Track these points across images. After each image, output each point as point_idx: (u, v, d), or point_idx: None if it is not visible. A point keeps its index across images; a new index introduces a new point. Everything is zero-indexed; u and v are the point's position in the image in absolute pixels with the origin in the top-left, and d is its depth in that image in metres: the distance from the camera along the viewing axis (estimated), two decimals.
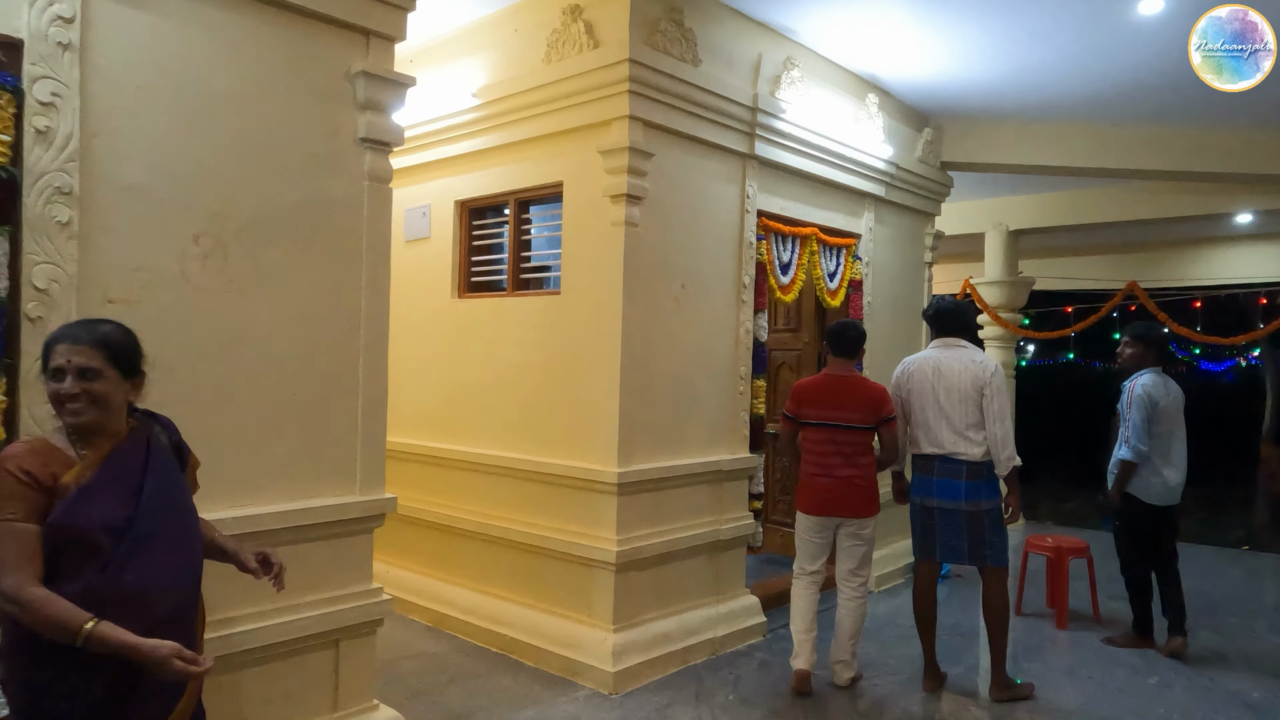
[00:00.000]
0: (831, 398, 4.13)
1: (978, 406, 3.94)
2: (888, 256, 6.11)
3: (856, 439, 4.11)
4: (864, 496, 4.11)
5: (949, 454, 4.00)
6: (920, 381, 4.12)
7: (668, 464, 4.29)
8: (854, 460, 4.10)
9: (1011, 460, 3.90)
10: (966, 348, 4.10)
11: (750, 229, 4.78)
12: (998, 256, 8.20)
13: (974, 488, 3.95)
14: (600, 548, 4.06)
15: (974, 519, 3.97)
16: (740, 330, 4.75)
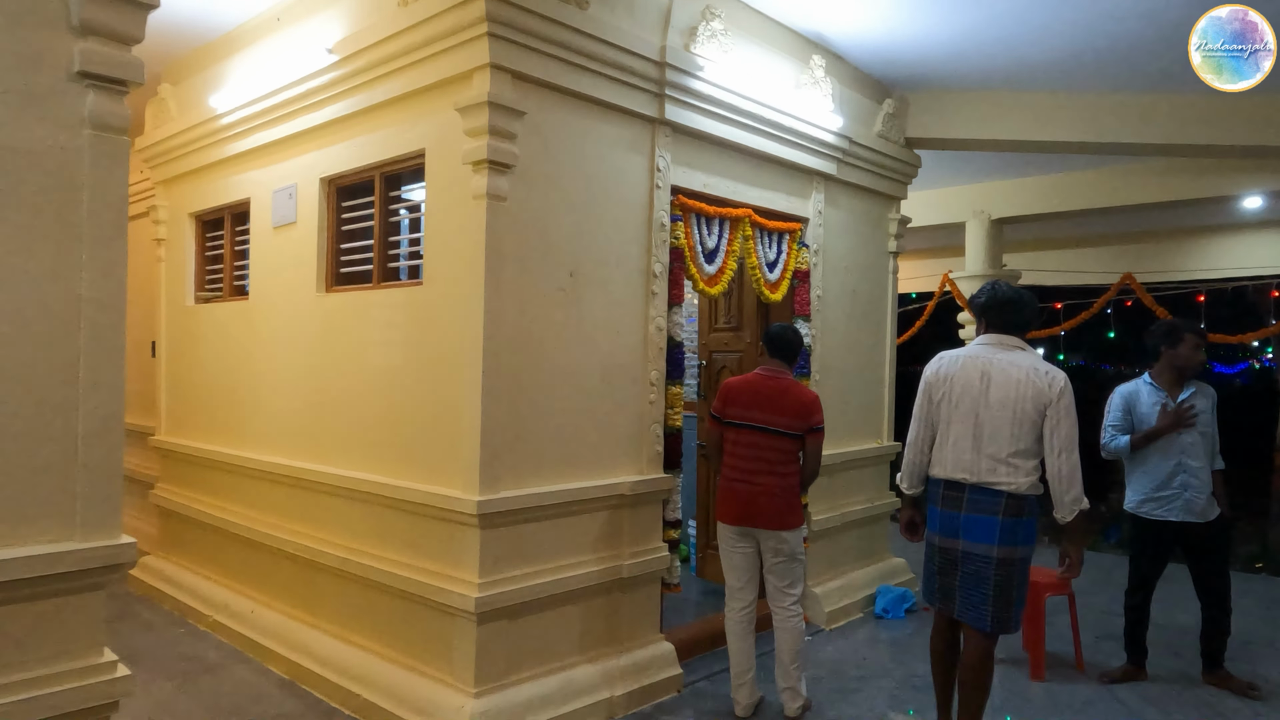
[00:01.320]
0: (758, 399, 3.69)
1: (1034, 430, 3.09)
2: (843, 244, 5.36)
3: (781, 445, 3.67)
4: (782, 507, 3.66)
5: (984, 483, 3.14)
6: (963, 387, 3.22)
7: (551, 488, 3.55)
8: (776, 468, 3.64)
9: (1078, 504, 3.07)
10: (1026, 351, 3.24)
11: (662, 208, 4.04)
12: (979, 248, 7.44)
13: (1011, 528, 3.10)
14: (458, 592, 3.32)
15: (1005, 569, 3.11)
16: (650, 328, 4.01)
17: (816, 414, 3.67)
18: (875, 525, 5.72)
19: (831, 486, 5.22)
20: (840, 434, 5.32)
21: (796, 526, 3.69)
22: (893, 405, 5.85)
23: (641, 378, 3.99)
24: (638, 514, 3.95)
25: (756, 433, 3.67)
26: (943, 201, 7.68)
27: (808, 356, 4.96)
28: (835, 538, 5.26)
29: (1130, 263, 7.40)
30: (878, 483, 5.75)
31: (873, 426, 5.72)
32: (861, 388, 5.57)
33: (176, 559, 5.41)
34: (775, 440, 3.64)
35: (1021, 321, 3.28)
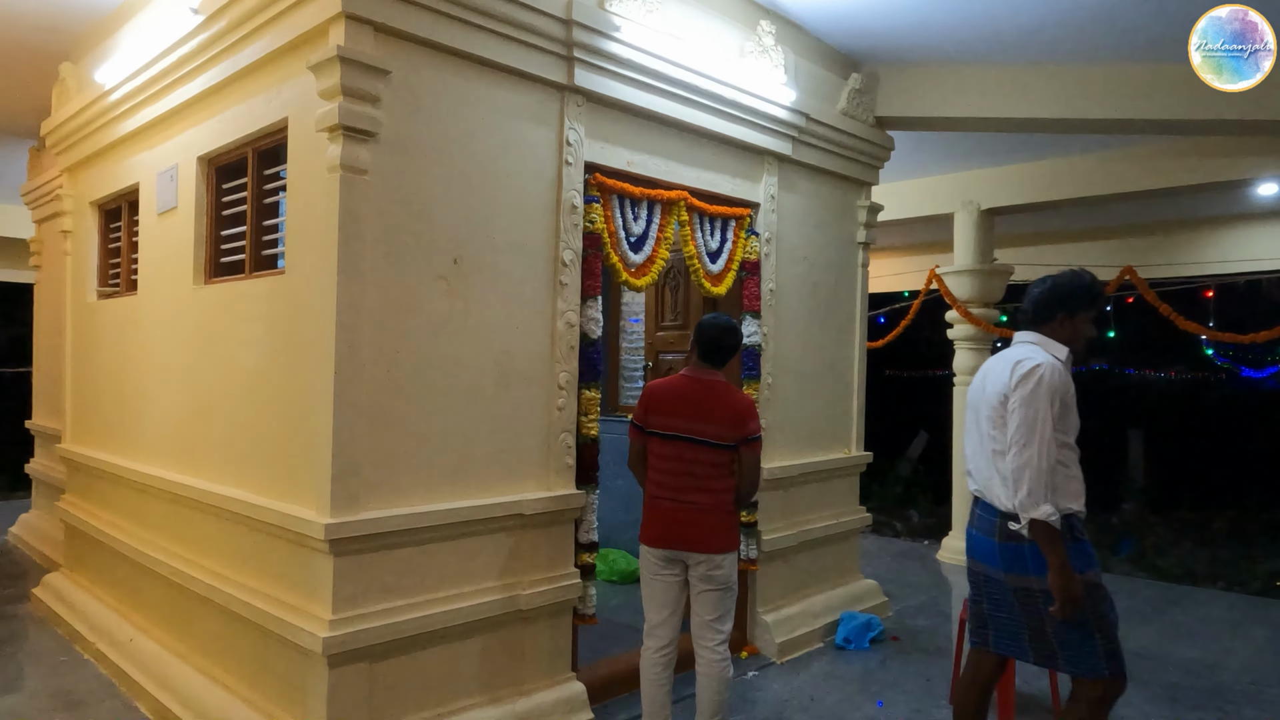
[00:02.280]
0: (683, 405, 3.20)
1: (1004, 425, 2.73)
2: (802, 233, 4.84)
3: (711, 458, 3.18)
4: (713, 527, 3.17)
5: (984, 497, 2.85)
6: (971, 392, 3.00)
7: (429, 508, 3.07)
8: (706, 483, 3.18)
9: (1029, 510, 2.56)
10: (1029, 344, 2.81)
11: (573, 187, 3.55)
12: (968, 241, 6.87)
13: (1013, 553, 2.71)
14: (307, 630, 2.84)
15: (1025, 600, 2.74)
16: (559, 323, 3.52)
17: (751, 421, 3.17)
18: (843, 543, 5.19)
19: (787, 501, 4.70)
20: (798, 443, 4.80)
21: (730, 550, 3.20)
22: (863, 411, 5.31)
23: (548, 380, 3.50)
24: (543, 536, 3.46)
25: (682, 444, 3.17)
26: (929, 191, 7.13)
27: (757, 357, 4.45)
28: (792, 558, 4.74)
29: (1132, 256, 6.79)
30: (847, 496, 5.22)
31: (840, 435, 5.19)
32: (825, 392, 5.05)
33: (77, 579, 4.98)
34: (704, 452, 3.15)
35: (1043, 307, 2.81)
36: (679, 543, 3.17)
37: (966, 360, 6.91)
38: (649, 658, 3.25)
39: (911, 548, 7.60)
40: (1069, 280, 2.84)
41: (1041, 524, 2.56)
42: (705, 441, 3.13)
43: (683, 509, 3.16)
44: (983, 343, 6.89)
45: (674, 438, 3.17)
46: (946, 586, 6.25)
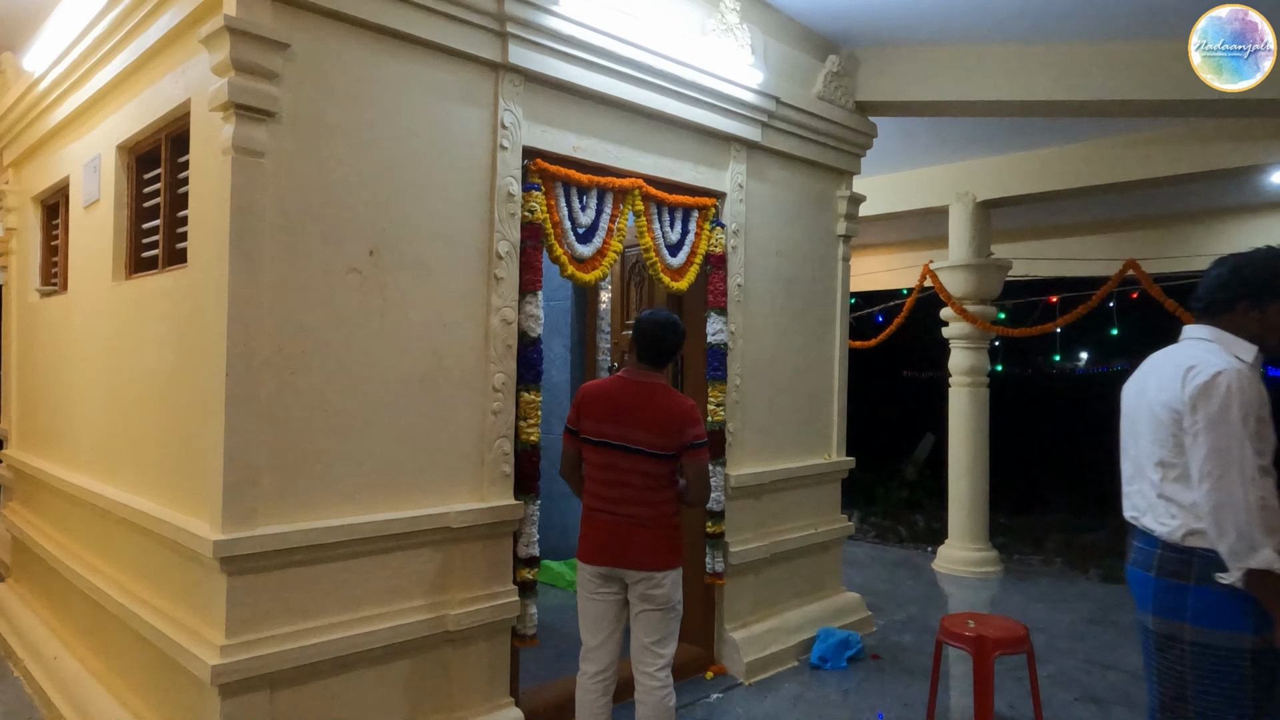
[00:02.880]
0: (619, 411, 2.92)
1: (1175, 444, 2.21)
2: (774, 225, 4.55)
3: (648, 468, 2.89)
4: (653, 542, 2.91)
5: (1141, 524, 2.34)
6: (1126, 398, 2.47)
7: (341, 522, 2.81)
8: (644, 495, 2.92)
9: (1248, 555, 2.03)
10: (1206, 340, 2.29)
11: (509, 173, 3.29)
12: (964, 234, 6.54)
13: (1169, 592, 2.22)
14: (199, 656, 2.59)
15: (1165, 649, 2.24)
16: (493, 320, 3.25)
17: (692, 427, 2.89)
18: (823, 555, 4.89)
19: (759, 511, 4.41)
20: (771, 448, 4.51)
21: (672, 567, 2.92)
22: (844, 414, 5.01)
23: (481, 382, 3.23)
24: (477, 550, 3.20)
25: (615, 452, 2.90)
26: (923, 183, 6.81)
27: (723, 357, 4.17)
28: (763, 572, 4.44)
29: (1136, 250, 6.42)
30: (826, 505, 4.92)
31: (819, 439, 4.89)
32: (803, 394, 4.75)
33: (20, 590, 4.78)
34: (640, 461, 2.88)
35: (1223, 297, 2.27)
36: (615, 559, 2.90)
37: (962, 360, 6.58)
38: (584, 684, 2.98)
39: (907, 556, 7.26)
40: (1259, 259, 2.27)
41: (1261, 574, 2.02)
42: (641, 450, 2.86)
43: (619, 522, 2.89)
44: (980, 341, 6.56)
45: (606, 445, 2.90)
46: (939, 599, 5.92)
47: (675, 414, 2.89)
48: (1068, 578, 7.63)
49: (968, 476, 6.55)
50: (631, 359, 3.01)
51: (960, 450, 6.59)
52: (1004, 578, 6.47)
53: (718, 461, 4.15)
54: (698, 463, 2.91)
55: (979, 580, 6.36)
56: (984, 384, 6.60)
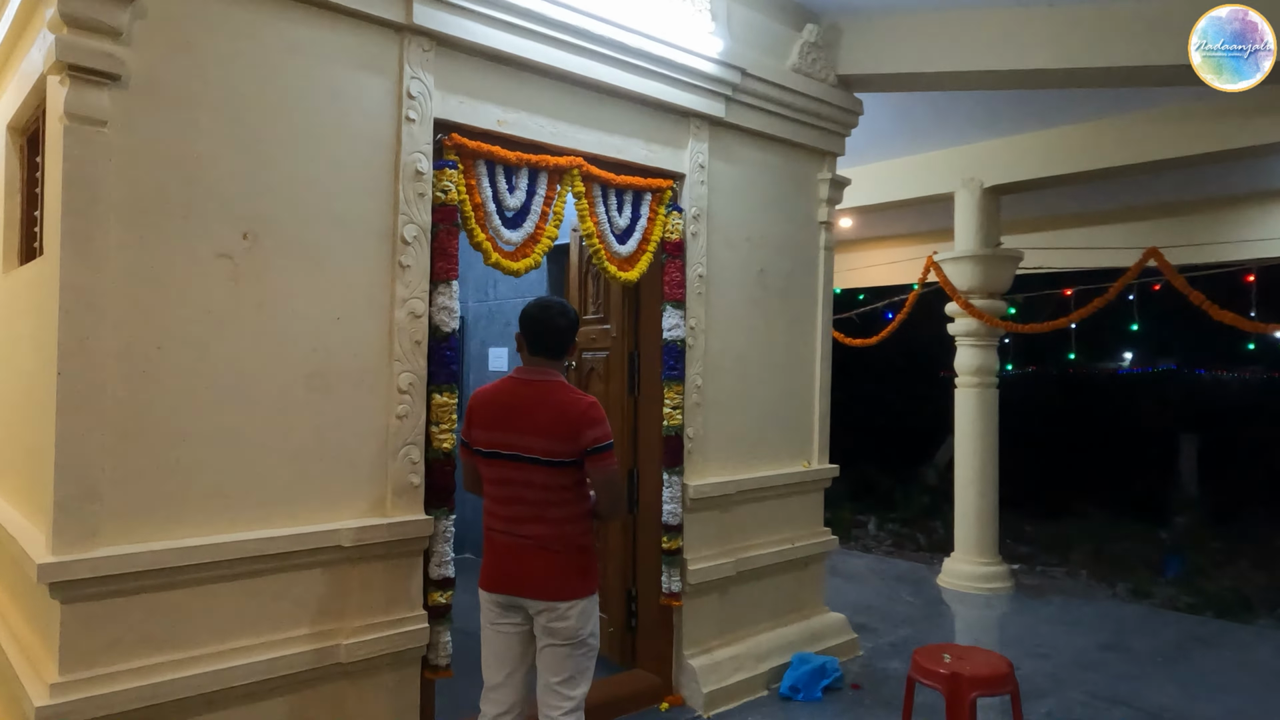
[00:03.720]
0: (508, 415, 2.54)
1: None
2: (742, 209, 4.14)
3: (546, 479, 2.51)
4: (555, 566, 2.53)
5: None
6: None
7: (205, 541, 2.48)
8: (543, 512, 2.54)
9: None
10: None
11: (418, 149, 2.94)
12: (970, 223, 6.06)
13: None
14: (28, 693, 2.27)
15: None
16: (399, 314, 2.90)
17: (591, 428, 2.49)
18: (802, 571, 4.46)
19: (723, 524, 4.01)
20: (739, 455, 4.11)
21: (581, 595, 2.54)
22: (827, 417, 4.58)
23: (384, 383, 2.89)
24: (378, 571, 2.85)
25: (506, 463, 2.54)
26: (926, 169, 6.33)
27: (680, 355, 3.78)
28: (729, 591, 4.04)
29: (1160, 239, 5.87)
30: (805, 516, 4.49)
31: (797, 445, 4.47)
32: (777, 395, 4.34)
33: None
34: (534, 472, 2.51)
35: None
36: (514, 586, 2.53)
37: (969, 359, 6.10)
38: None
39: (911, 570, 6.78)
40: None
41: None
42: (535, 459, 2.48)
43: (517, 544, 2.53)
44: (988, 338, 6.07)
45: (497, 456, 2.53)
46: (938, 619, 5.46)
47: (571, 413, 2.49)
48: (1089, 593, 7.11)
49: (975, 484, 6.06)
50: (524, 355, 2.64)
51: (967, 456, 6.10)
52: (1014, 594, 5.97)
53: (674, 470, 3.77)
54: (603, 470, 2.52)
55: (986, 597, 5.87)
56: (993, 384, 6.11)
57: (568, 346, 2.62)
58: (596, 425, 2.49)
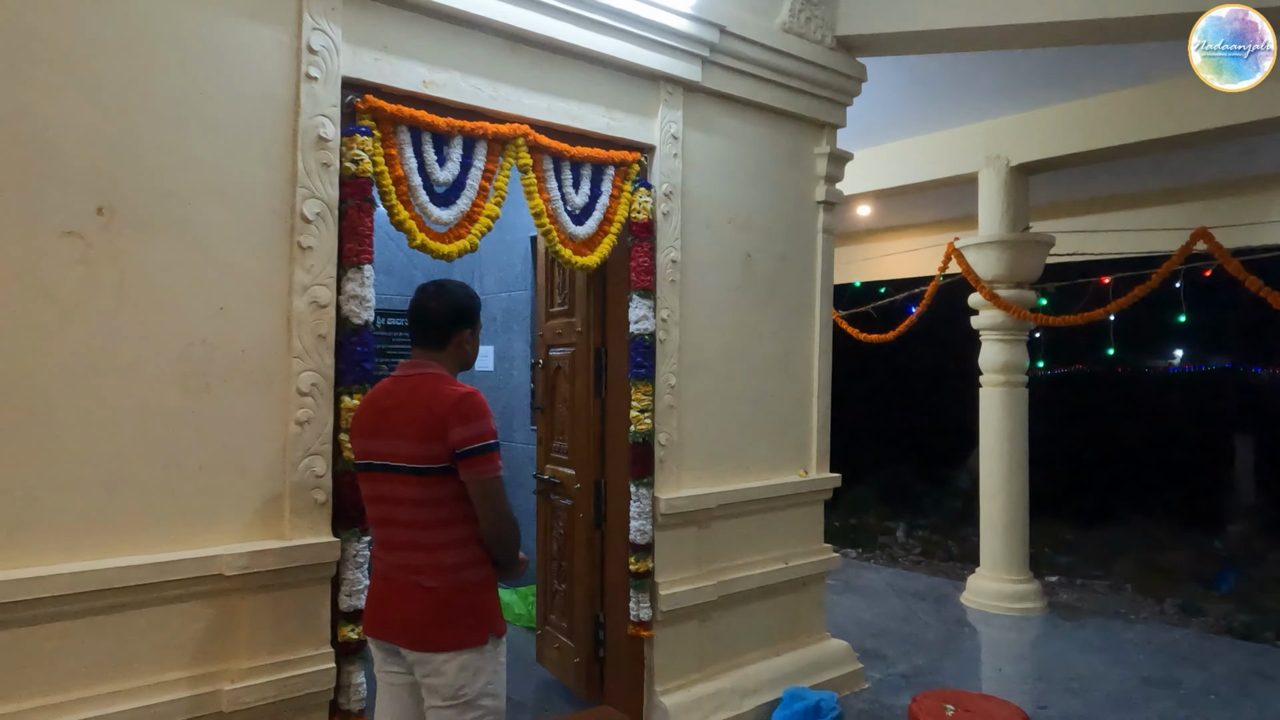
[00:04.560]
0: (379, 418, 2.18)
1: None
2: (726, 187, 3.68)
3: (415, 492, 2.09)
4: (430, 607, 2.07)
5: None
6: None
7: (48, 571, 2.09)
8: (415, 535, 2.10)
9: None
10: None
11: (321, 112, 2.53)
12: (996, 206, 5.51)
13: None
14: None
15: None
16: (298, 303, 2.50)
17: (462, 424, 2.01)
18: (799, 593, 3.98)
19: (703, 542, 3.55)
20: (723, 464, 3.65)
21: (463, 646, 2.05)
22: (828, 420, 4.09)
23: (281, 383, 2.48)
24: (271, 603, 2.44)
25: (378, 476, 2.12)
26: (947, 146, 5.78)
27: (649, 351, 3.32)
28: (712, 618, 3.58)
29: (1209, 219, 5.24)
30: (802, 532, 4.01)
31: (791, 453, 3.98)
32: (768, 396, 3.86)
33: None
34: (404, 484, 2.07)
35: None
36: (386, 629, 2.11)
37: (995, 355, 5.54)
38: None
39: (932, 586, 6.23)
40: None
41: None
42: (400, 468, 2.05)
43: (390, 576, 2.11)
44: (1015, 332, 5.51)
45: (368, 468, 2.12)
46: (959, 643, 4.92)
47: (438, 409, 2.04)
48: (1133, 612, 6.48)
49: (1002, 493, 5.51)
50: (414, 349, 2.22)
51: (992, 462, 5.55)
52: (1046, 616, 5.41)
53: (643, 482, 3.32)
54: (478, 479, 2.04)
55: (1014, 619, 5.31)
56: (1021, 383, 5.54)
57: (449, 335, 2.19)
58: (469, 421, 2.01)
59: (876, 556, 8.97)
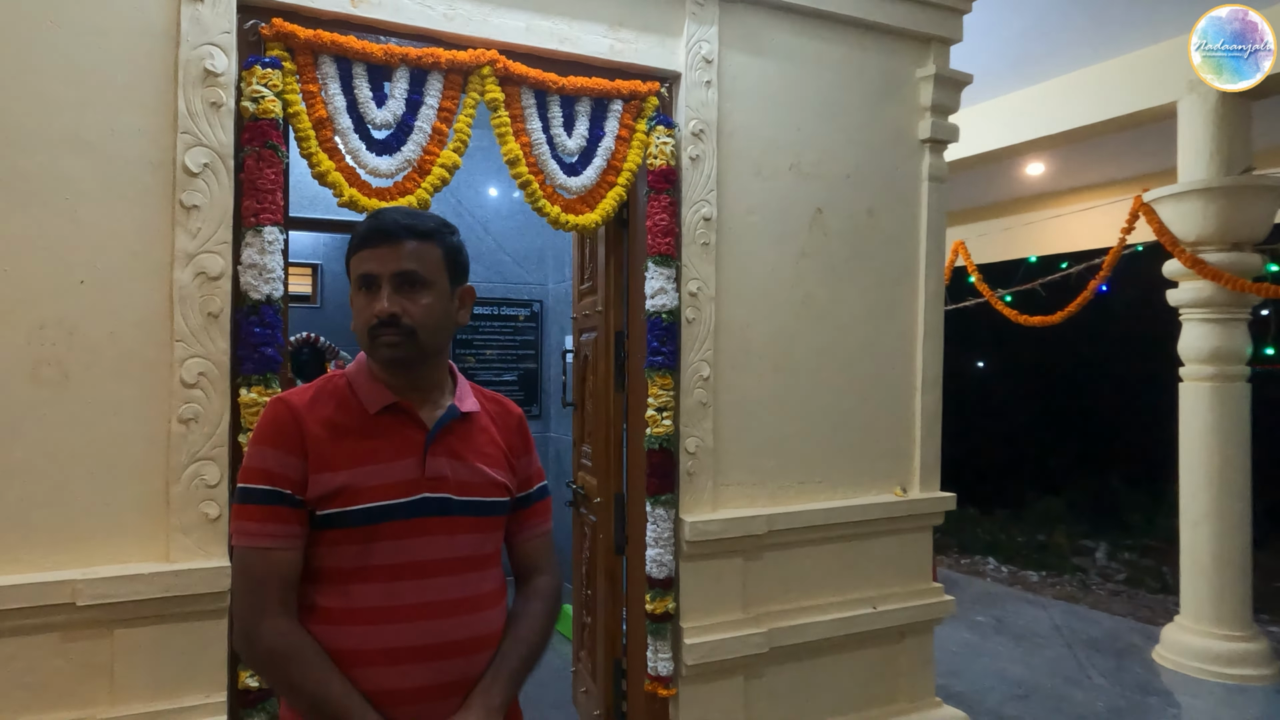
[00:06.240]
0: None
1: None
2: (783, 123, 2.87)
3: None
4: None
5: None
6: None
7: None
8: None
9: None
10: None
11: (208, 41, 2.06)
12: (1200, 143, 4.18)
13: None
14: None
15: None
16: (181, 275, 2.05)
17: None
18: (893, 647, 3.08)
19: (749, 577, 2.78)
20: (777, 478, 2.85)
21: None
22: (937, 424, 3.16)
23: (160, 373, 2.04)
24: (150, 640, 2.01)
25: None
26: (1131, 73, 4.49)
27: (668, 334, 2.61)
28: (764, 674, 2.79)
29: None
30: (899, 567, 3.10)
31: (883, 465, 3.09)
32: (847, 391, 3.00)
33: None
34: None
35: None
36: None
37: (1199, 339, 4.23)
38: None
39: (1117, 631, 4.94)
40: None
41: None
42: None
43: None
44: (1231, 309, 4.17)
45: None
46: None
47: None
48: None
49: (1211, 520, 4.20)
50: None
51: (1197, 478, 4.25)
52: (1274, 688, 4.04)
53: (661, 500, 2.61)
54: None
55: (1227, 690, 4.00)
56: (1240, 376, 4.19)
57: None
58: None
59: (1065, 583, 7.60)
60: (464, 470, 1.37)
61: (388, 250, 1.31)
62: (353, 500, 1.29)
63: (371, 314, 1.30)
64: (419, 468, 1.33)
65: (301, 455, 1.30)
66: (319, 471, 1.29)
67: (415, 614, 1.29)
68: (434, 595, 1.31)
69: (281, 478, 1.29)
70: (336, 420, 1.33)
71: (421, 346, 1.33)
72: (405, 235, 1.32)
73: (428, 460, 1.34)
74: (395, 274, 1.31)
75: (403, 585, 1.30)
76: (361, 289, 1.33)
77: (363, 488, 1.29)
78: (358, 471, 1.30)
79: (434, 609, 1.31)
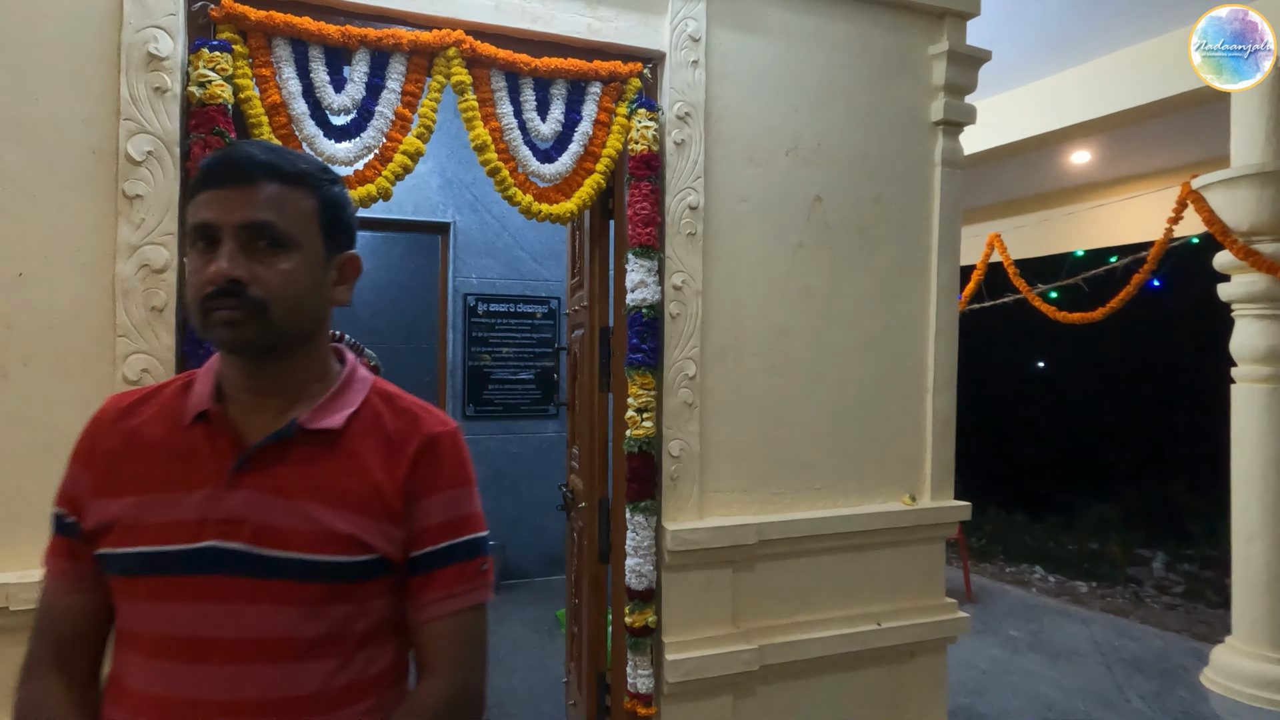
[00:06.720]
0: None
1: None
2: (779, 105, 2.68)
3: None
4: None
5: None
6: None
7: None
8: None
9: None
10: None
11: (151, 23, 1.98)
12: (1256, 124, 3.85)
13: None
14: None
15: None
16: (124, 267, 1.97)
17: None
18: (901, 667, 2.88)
19: (739, 590, 2.61)
20: (771, 483, 2.67)
21: None
22: (950, 428, 2.94)
23: (102, 370, 1.97)
24: None
25: None
26: (1176, 53, 4.18)
27: (649, 330, 2.46)
28: (755, 693, 2.62)
29: None
30: (908, 581, 2.89)
31: (891, 471, 2.89)
32: (851, 394, 2.81)
33: None
34: None
35: None
36: None
37: (1253, 337, 3.91)
38: None
39: (1164, 651, 4.61)
40: None
41: None
42: None
43: None
44: None
45: None
46: None
47: None
48: None
49: (1266, 534, 3.87)
50: None
51: (1250, 490, 3.93)
52: None
53: (642, 506, 2.46)
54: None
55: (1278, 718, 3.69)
56: None
57: None
58: None
59: (1116, 595, 7.23)
60: (280, 513, 0.97)
61: (236, 193, 0.94)
62: (122, 540, 0.97)
63: (205, 279, 0.94)
64: (215, 504, 0.97)
65: (91, 472, 1.02)
66: (97, 496, 1.00)
67: (177, 716, 0.93)
68: (212, 692, 0.93)
69: (67, 498, 1.03)
70: (143, 430, 1.02)
71: (274, 327, 0.96)
72: (263, 175, 0.96)
73: (228, 494, 0.97)
74: (243, 224, 0.94)
75: (165, 670, 0.94)
76: (197, 244, 0.97)
77: (138, 525, 0.97)
78: (140, 501, 0.97)
79: (208, 712, 0.92)
